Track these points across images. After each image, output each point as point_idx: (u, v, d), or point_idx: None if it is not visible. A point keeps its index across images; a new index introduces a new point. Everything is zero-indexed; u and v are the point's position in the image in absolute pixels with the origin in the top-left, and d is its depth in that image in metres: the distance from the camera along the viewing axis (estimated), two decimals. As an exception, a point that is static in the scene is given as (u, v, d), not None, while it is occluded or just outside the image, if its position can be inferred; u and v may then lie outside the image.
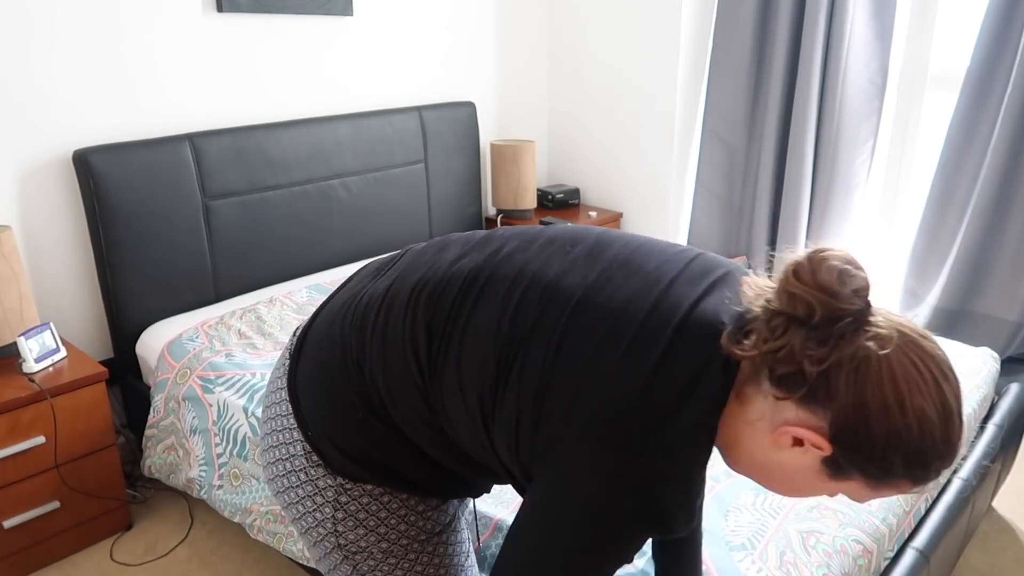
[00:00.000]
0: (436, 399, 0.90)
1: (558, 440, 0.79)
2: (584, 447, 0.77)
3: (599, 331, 0.80)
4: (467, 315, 0.89)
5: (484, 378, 0.85)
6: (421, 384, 0.91)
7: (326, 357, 0.98)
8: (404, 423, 0.94)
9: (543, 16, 3.46)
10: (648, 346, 0.78)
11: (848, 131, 2.81)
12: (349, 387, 0.95)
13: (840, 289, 0.73)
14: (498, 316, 0.86)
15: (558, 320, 0.83)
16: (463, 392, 0.87)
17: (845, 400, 0.72)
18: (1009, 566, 1.97)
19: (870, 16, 2.69)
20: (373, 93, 2.88)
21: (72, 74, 2.12)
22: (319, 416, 0.97)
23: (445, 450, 0.94)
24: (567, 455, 0.78)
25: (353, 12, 2.70)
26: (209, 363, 1.97)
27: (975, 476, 1.70)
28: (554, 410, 0.80)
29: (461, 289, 0.90)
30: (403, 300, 0.93)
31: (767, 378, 0.77)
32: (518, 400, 0.82)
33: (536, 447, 0.81)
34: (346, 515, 0.98)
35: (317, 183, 2.62)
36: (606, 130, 3.43)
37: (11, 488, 1.86)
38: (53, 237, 2.17)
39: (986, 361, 2.05)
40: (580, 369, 0.79)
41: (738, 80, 3.01)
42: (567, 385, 0.79)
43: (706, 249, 1.02)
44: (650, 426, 0.76)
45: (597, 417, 0.77)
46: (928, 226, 2.67)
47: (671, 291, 0.83)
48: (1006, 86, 2.41)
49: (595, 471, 0.77)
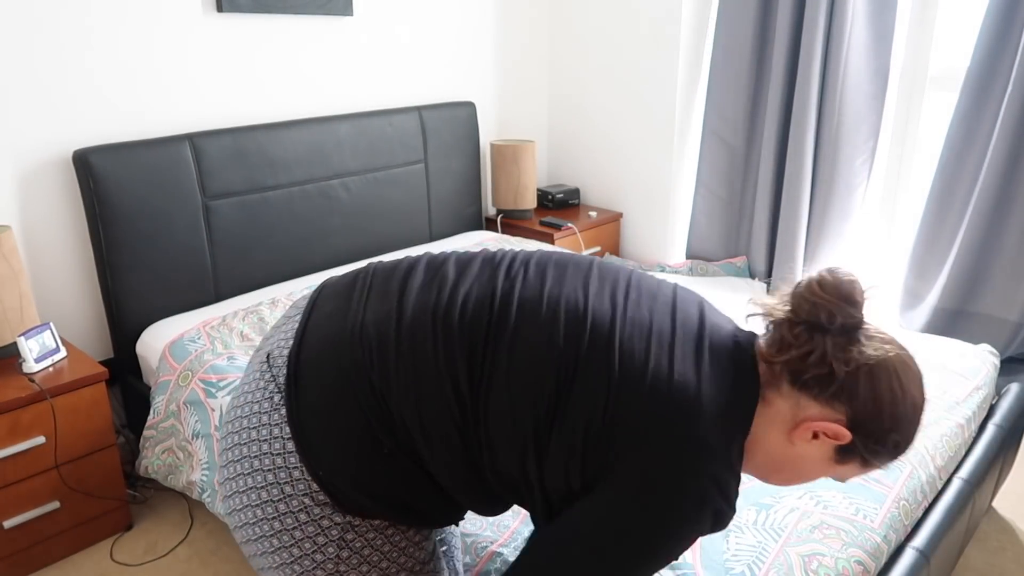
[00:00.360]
0: (475, 426, 0.91)
1: (631, 448, 0.85)
2: (657, 448, 0.85)
3: (644, 345, 0.89)
4: (510, 338, 0.90)
5: (541, 399, 0.88)
6: (458, 413, 0.91)
7: (339, 392, 0.94)
8: (431, 455, 0.93)
9: (543, 16, 3.46)
10: (687, 357, 0.89)
11: (848, 131, 2.80)
12: (373, 422, 0.93)
13: (859, 300, 0.87)
14: (548, 334, 0.89)
15: (609, 335, 0.89)
16: (514, 415, 0.89)
17: (865, 395, 0.85)
18: (1009, 566, 1.97)
19: (870, 16, 2.69)
20: (373, 93, 2.88)
21: (72, 74, 2.12)
22: (335, 454, 0.94)
23: (463, 481, 0.95)
24: (641, 458, 0.85)
25: (353, 12, 2.70)
26: (211, 366, 1.96)
27: (975, 476, 1.70)
28: (627, 420, 0.85)
29: (494, 312, 0.92)
30: (427, 329, 0.93)
31: (787, 382, 0.88)
32: (585, 413, 0.86)
33: (607, 455, 0.86)
34: (351, 553, 0.97)
35: (317, 183, 2.62)
36: (606, 130, 3.43)
37: (11, 488, 1.86)
38: (53, 237, 2.17)
39: (986, 361, 2.05)
40: (640, 379, 0.86)
41: (738, 80, 3.01)
42: (634, 397, 0.86)
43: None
44: (709, 426, 0.85)
45: (665, 421, 0.85)
46: (928, 226, 2.67)
47: (679, 310, 0.95)
48: (1006, 86, 2.41)
49: (671, 467, 0.84)
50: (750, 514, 1.42)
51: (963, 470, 1.71)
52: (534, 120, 3.58)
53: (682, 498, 0.84)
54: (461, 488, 0.97)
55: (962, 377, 1.95)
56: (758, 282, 3.12)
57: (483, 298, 0.94)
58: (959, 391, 1.89)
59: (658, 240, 3.39)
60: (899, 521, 1.46)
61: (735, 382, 0.88)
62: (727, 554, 1.31)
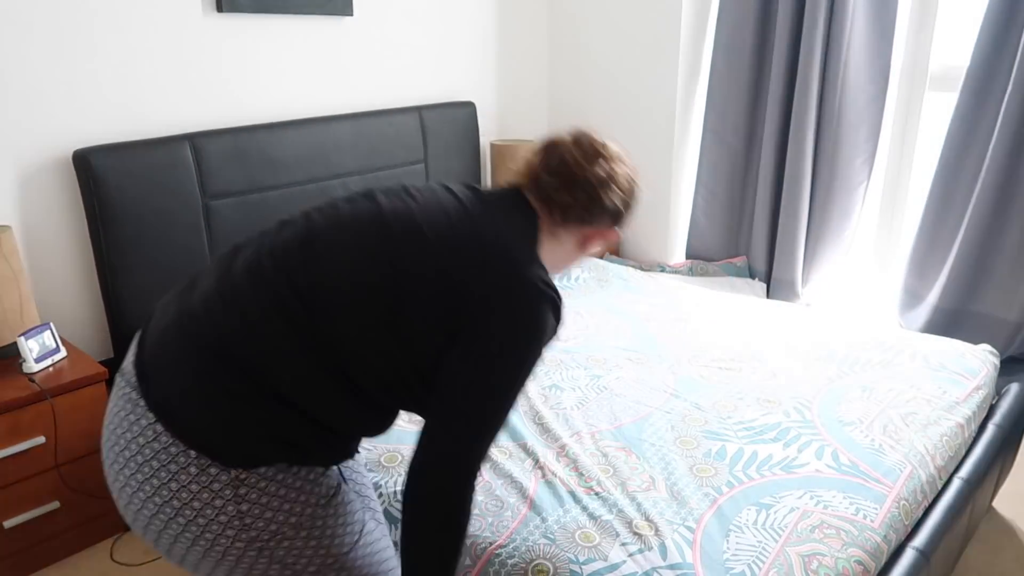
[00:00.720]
0: (327, 350, 1.02)
1: (474, 286, 1.04)
2: (495, 278, 1.05)
3: (444, 216, 1.10)
4: (324, 253, 1.06)
5: (376, 291, 1.03)
6: (299, 339, 1.02)
7: (184, 361, 1.03)
8: (294, 387, 1.02)
9: (543, 16, 3.46)
10: (483, 211, 1.12)
11: (848, 131, 2.81)
12: (225, 376, 1.01)
13: (597, 150, 1.22)
14: (356, 239, 1.07)
15: (412, 219, 1.08)
16: (360, 321, 1.03)
17: (612, 205, 1.18)
18: (1009, 566, 1.97)
19: (870, 16, 2.69)
20: (373, 93, 2.88)
21: (72, 74, 2.12)
22: (201, 416, 1.02)
23: (330, 402, 1.05)
24: (487, 292, 1.04)
25: (353, 12, 2.70)
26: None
27: (975, 476, 1.70)
28: (458, 268, 1.05)
29: (303, 242, 1.08)
30: (247, 280, 1.06)
31: (559, 216, 1.17)
32: (422, 282, 1.03)
33: (457, 306, 1.03)
34: (250, 504, 1.02)
35: (317, 183, 2.62)
36: (606, 130, 3.41)
37: (11, 488, 1.86)
38: (53, 237, 2.17)
39: (986, 361, 2.05)
40: (457, 236, 1.07)
41: (738, 80, 3.02)
42: (456, 250, 1.06)
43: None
44: (519, 248, 1.10)
45: (491, 256, 1.06)
46: (928, 226, 2.67)
47: (456, 187, 1.19)
48: (1006, 86, 2.41)
49: (514, 290, 1.05)
50: (750, 514, 1.42)
51: (963, 470, 1.71)
52: (534, 120, 3.58)
53: (533, 306, 1.05)
54: (333, 411, 1.06)
55: (962, 377, 1.95)
56: (758, 282, 3.12)
57: (292, 238, 1.10)
58: (959, 391, 1.89)
59: (658, 240, 3.39)
60: (899, 521, 1.46)
61: (523, 219, 1.15)
62: (727, 554, 1.31)
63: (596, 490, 1.47)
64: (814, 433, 1.68)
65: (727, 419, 1.73)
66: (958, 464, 1.74)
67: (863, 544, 1.37)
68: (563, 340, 2.15)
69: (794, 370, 1.98)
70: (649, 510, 1.41)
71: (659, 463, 1.57)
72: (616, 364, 2.00)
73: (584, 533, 1.35)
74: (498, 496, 1.46)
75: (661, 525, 1.37)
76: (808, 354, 2.07)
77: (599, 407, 1.78)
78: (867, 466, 1.56)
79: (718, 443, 1.64)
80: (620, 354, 2.07)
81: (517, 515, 1.41)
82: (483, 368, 1.03)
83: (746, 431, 1.68)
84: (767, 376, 1.94)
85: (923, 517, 1.56)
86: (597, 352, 2.08)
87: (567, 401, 1.81)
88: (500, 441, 1.64)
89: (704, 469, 1.55)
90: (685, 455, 1.59)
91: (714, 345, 2.12)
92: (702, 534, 1.36)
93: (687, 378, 1.93)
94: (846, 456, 1.60)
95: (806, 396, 1.84)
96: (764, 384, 1.90)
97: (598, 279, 2.65)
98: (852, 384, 1.91)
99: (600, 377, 1.93)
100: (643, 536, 1.34)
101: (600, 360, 2.03)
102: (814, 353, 2.07)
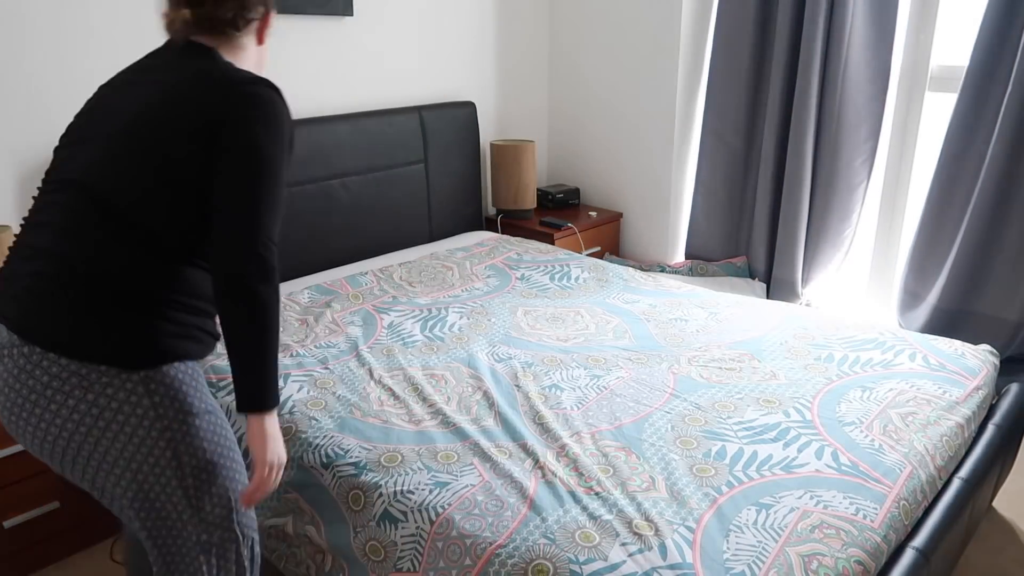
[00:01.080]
0: (119, 220, 1.19)
1: (218, 100, 1.22)
2: (235, 92, 1.23)
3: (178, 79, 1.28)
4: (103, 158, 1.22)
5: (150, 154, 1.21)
6: (99, 217, 1.19)
7: (35, 295, 1.18)
8: (122, 266, 1.18)
9: (543, 16, 3.46)
10: (191, 55, 1.30)
11: (848, 131, 2.81)
12: (71, 289, 1.17)
13: None
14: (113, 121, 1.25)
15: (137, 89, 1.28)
16: (144, 182, 1.20)
17: None
18: (1009, 566, 1.97)
19: (870, 16, 2.69)
20: (373, 93, 2.88)
21: (72, 74, 2.12)
22: (76, 328, 1.16)
23: (180, 277, 1.22)
24: (234, 101, 1.22)
25: (353, 12, 2.70)
26: (211, 365, 1.96)
27: (975, 476, 1.70)
28: (195, 93, 1.23)
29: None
30: (44, 195, 1.27)
31: (233, 32, 1.34)
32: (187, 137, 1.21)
33: (210, 117, 1.20)
34: (162, 397, 1.20)
35: (317, 183, 2.62)
36: (606, 130, 3.43)
37: (11, 488, 1.86)
38: (53, 237, 2.17)
39: (986, 361, 2.06)
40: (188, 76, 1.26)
41: (738, 80, 3.02)
42: (180, 88, 1.24)
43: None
44: (235, 69, 1.28)
45: (244, 84, 1.24)
46: (928, 226, 2.68)
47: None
48: (1006, 86, 2.41)
49: (242, 90, 1.23)
50: (750, 514, 1.42)
51: (963, 470, 1.71)
52: (534, 120, 3.59)
53: (258, 95, 1.23)
54: (183, 286, 1.23)
55: (962, 377, 1.95)
56: (758, 282, 3.12)
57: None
58: (959, 391, 1.89)
59: (658, 240, 3.39)
60: (899, 521, 1.46)
61: (208, 57, 1.30)
62: (727, 554, 1.31)
63: (596, 490, 1.47)
64: (814, 433, 1.68)
65: (727, 419, 1.73)
66: (958, 464, 1.74)
67: (863, 544, 1.37)
68: (563, 340, 2.15)
69: (794, 370, 1.98)
70: (649, 510, 1.41)
71: (659, 463, 1.57)
72: (616, 364, 2.00)
73: (584, 533, 1.35)
74: (498, 496, 1.46)
75: (661, 525, 1.37)
76: (808, 354, 2.07)
77: (599, 407, 1.78)
78: (867, 466, 1.57)
79: (718, 443, 1.64)
80: (620, 354, 2.07)
81: (517, 515, 1.41)
82: (246, 158, 1.20)
83: (746, 431, 1.68)
84: (767, 376, 1.94)
85: (923, 517, 1.56)
86: (597, 352, 2.08)
87: (567, 401, 1.81)
88: (500, 441, 1.64)
89: (704, 469, 1.55)
90: (685, 455, 1.59)
91: (714, 345, 2.12)
92: (702, 534, 1.36)
93: (687, 378, 1.93)
94: (846, 456, 1.60)
95: (806, 396, 1.84)
96: (764, 384, 1.90)
97: (598, 279, 2.65)
98: (852, 384, 1.91)
99: (600, 377, 1.93)
100: (643, 536, 1.34)
101: (600, 360, 2.03)
102: (814, 353, 2.07)
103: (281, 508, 1.67)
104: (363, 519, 1.50)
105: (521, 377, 1.92)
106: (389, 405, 1.79)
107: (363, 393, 1.84)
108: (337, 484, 1.57)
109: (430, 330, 2.21)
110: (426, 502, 1.45)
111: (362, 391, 1.85)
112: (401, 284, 2.53)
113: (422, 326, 2.23)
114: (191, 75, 1.25)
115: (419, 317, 2.29)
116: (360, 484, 1.54)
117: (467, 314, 2.32)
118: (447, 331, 2.20)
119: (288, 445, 1.69)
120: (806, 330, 2.23)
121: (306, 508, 1.62)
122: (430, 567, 1.39)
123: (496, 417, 1.74)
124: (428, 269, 2.66)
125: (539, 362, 2.01)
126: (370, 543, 1.48)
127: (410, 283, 2.54)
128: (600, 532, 1.35)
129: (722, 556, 1.31)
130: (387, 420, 1.73)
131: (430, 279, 2.59)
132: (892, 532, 1.43)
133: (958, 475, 1.70)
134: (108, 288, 1.17)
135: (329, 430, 1.68)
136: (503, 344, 2.12)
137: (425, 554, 1.40)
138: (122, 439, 1.19)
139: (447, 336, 2.17)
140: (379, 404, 1.79)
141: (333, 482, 1.58)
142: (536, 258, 2.81)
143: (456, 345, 2.11)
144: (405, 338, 2.15)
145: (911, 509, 1.51)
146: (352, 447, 1.62)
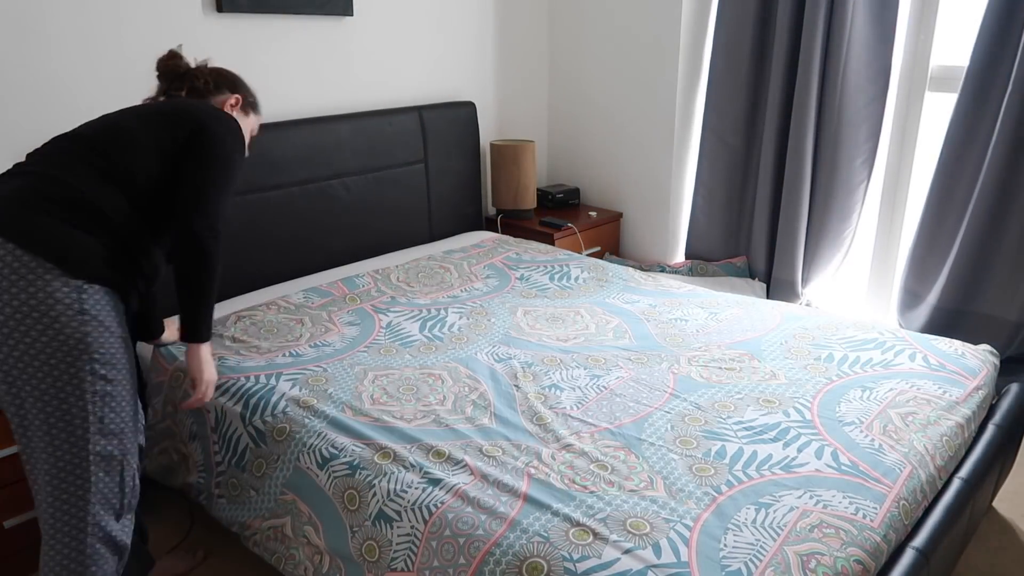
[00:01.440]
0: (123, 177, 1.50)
1: (197, 117, 1.61)
2: (208, 114, 1.63)
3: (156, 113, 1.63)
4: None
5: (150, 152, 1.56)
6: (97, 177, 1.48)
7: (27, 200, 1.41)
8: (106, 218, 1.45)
9: (543, 16, 3.46)
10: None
11: (848, 131, 2.80)
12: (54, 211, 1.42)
13: (180, 66, 1.76)
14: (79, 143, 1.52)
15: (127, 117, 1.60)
16: (149, 169, 1.54)
17: (221, 82, 1.77)
18: (1009, 566, 1.97)
19: (870, 16, 2.69)
20: (373, 93, 2.88)
21: (72, 73, 2.12)
22: (43, 234, 1.38)
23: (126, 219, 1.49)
24: (207, 121, 1.60)
25: (353, 12, 2.70)
26: (220, 365, 1.96)
27: (975, 476, 1.70)
28: (180, 111, 1.62)
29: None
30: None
31: (210, 92, 1.75)
32: (150, 126, 1.57)
33: (186, 126, 1.59)
34: (94, 311, 1.41)
35: (317, 183, 2.62)
36: (606, 130, 3.43)
37: (11, 488, 1.86)
38: (53, 237, 2.17)
39: (986, 361, 2.05)
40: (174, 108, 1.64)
41: (738, 80, 3.01)
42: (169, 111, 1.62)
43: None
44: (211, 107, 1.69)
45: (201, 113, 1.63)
46: (928, 226, 2.67)
47: (143, 109, 1.65)
48: (1006, 86, 2.41)
49: (214, 111, 1.65)
50: (749, 513, 1.41)
51: (963, 470, 1.71)
52: (534, 120, 3.59)
53: (228, 125, 1.64)
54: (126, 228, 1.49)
55: (962, 377, 1.95)
56: (758, 282, 3.12)
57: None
58: (959, 391, 1.88)
59: (658, 240, 3.39)
60: (899, 521, 1.46)
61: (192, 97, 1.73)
62: (724, 552, 1.31)
63: (592, 489, 1.47)
64: (814, 433, 1.68)
65: (727, 419, 1.73)
66: (958, 464, 1.74)
67: (863, 544, 1.36)
68: (563, 340, 2.15)
69: (794, 370, 1.97)
70: (646, 508, 1.41)
71: (659, 463, 1.56)
72: (616, 364, 2.00)
73: (578, 531, 1.35)
74: (491, 494, 1.45)
75: (657, 523, 1.37)
76: (808, 354, 2.07)
77: (599, 407, 1.78)
78: (867, 466, 1.56)
79: (718, 443, 1.63)
80: (620, 354, 2.06)
81: (510, 513, 1.41)
82: (207, 153, 1.57)
83: (746, 431, 1.68)
84: (767, 376, 1.94)
85: (923, 517, 1.56)
86: (597, 352, 2.08)
87: (567, 401, 1.81)
88: (495, 439, 1.64)
89: (703, 469, 1.55)
90: (684, 455, 1.59)
91: (714, 345, 2.12)
92: (699, 532, 1.36)
93: (687, 378, 1.93)
94: (846, 456, 1.60)
95: (806, 396, 1.84)
96: (764, 384, 1.90)
97: (598, 279, 2.65)
98: (852, 384, 1.90)
99: (600, 377, 1.93)
100: (637, 534, 1.34)
101: (600, 360, 2.03)
102: (814, 353, 2.07)
103: (279, 509, 1.66)
104: (359, 519, 1.50)
105: (520, 377, 1.92)
106: (383, 403, 1.79)
107: (356, 392, 1.84)
108: (332, 484, 1.57)
109: (429, 330, 2.21)
110: (419, 501, 1.45)
111: (355, 390, 1.85)
112: (399, 285, 2.53)
113: (421, 326, 2.23)
114: (183, 100, 1.70)
115: (418, 317, 2.29)
116: (355, 483, 1.54)
117: (467, 314, 2.32)
118: (446, 331, 2.20)
119: (283, 446, 1.69)
120: (806, 330, 2.22)
121: (303, 509, 1.61)
122: (424, 567, 1.39)
123: (492, 416, 1.74)
124: (426, 270, 2.66)
125: (539, 362, 2.01)
126: (367, 543, 1.48)
127: (408, 283, 2.54)
128: (594, 530, 1.35)
129: (719, 554, 1.30)
130: (380, 418, 1.72)
131: (428, 279, 2.59)
132: (892, 532, 1.43)
133: (958, 475, 1.69)
134: (84, 210, 1.42)
135: (323, 429, 1.68)
136: (503, 344, 2.12)
137: (419, 553, 1.40)
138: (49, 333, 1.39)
139: (446, 336, 2.17)
140: (372, 403, 1.79)
141: (328, 482, 1.58)
142: (536, 258, 2.81)
143: (455, 345, 2.11)
144: (404, 338, 2.15)
145: (911, 509, 1.51)
146: (346, 445, 1.62)
